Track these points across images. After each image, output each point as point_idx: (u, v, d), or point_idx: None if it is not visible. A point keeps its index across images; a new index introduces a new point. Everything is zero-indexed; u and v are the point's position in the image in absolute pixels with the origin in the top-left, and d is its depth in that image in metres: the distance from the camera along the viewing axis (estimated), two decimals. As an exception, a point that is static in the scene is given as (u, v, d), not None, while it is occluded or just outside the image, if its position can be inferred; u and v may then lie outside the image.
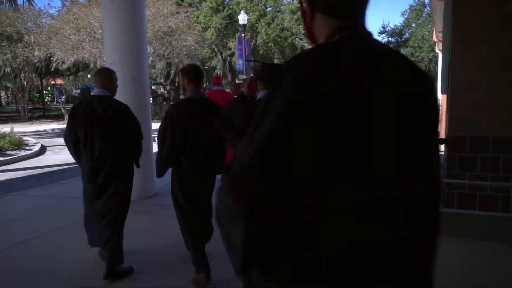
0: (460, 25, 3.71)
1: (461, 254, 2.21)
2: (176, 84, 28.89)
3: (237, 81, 29.48)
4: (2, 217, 5.34)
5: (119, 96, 5.82)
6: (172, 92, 31.06)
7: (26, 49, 22.26)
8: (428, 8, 34.18)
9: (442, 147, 4.52)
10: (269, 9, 30.16)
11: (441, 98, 10.57)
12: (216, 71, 34.66)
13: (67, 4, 25.22)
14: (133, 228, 4.73)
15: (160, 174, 3.34)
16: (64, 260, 3.87)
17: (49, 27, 22.65)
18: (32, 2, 17.70)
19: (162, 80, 30.63)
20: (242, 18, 15.50)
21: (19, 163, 10.29)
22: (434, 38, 14.18)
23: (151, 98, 34.64)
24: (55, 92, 44.76)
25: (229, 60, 30.47)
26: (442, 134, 8.27)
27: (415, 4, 44.77)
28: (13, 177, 8.42)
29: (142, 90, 5.96)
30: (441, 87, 4.34)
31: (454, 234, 2.21)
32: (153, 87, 38.57)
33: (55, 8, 54.31)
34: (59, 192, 6.54)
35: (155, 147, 7.21)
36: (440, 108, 11.72)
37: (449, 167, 3.70)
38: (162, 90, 36.33)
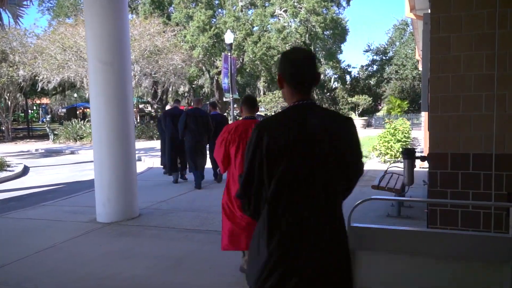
0: (438, 44, 3.78)
1: (444, 273, 2.19)
2: (163, 102, 28.85)
3: (224, 99, 29.61)
4: (-20, 241, 5.20)
5: (102, 113, 5.79)
6: (159, 110, 30.99)
7: (11, 69, 22.10)
8: (411, 27, 34.97)
9: (426, 164, 4.55)
10: (255, 28, 30.52)
11: (424, 115, 10.70)
12: (203, 89, 34.77)
13: (54, 24, 25.25)
14: (116, 250, 4.64)
15: None
16: (46, 284, 3.76)
17: (34, 47, 22.56)
18: (18, 21, 17.68)
19: (149, 99, 30.59)
20: (229, 37, 15.63)
21: (0, 184, 10.09)
22: (417, 56, 14.49)
23: (138, 117, 34.60)
24: (41, 112, 44.37)
25: (216, 78, 30.62)
26: (425, 151, 8.35)
27: (398, 24, 45.82)
28: (-6, 199, 8.24)
29: (125, 110, 5.92)
30: (422, 105, 4.40)
31: (436, 254, 2.20)
32: (140, 105, 38.54)
33: (41, 27, 54.16)
34: (41, 214, 6.41)
35: (138, 167, 7.20)
36: (423, 125, 11.87)
37: (431, 184, 3.72)
38: (149, 108, 36.26)
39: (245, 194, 1.89)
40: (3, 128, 26.37)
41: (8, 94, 24.34)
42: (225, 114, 21.55)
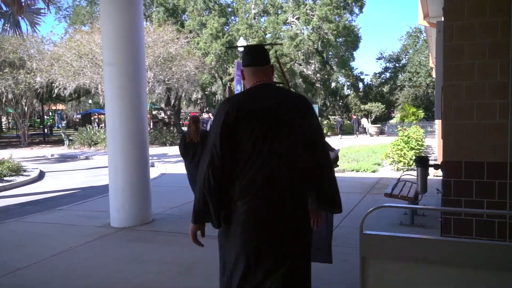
0: (452, 52, 3.77)
1: (457, 282, 2.18)
2: (176, 108, 29.09)
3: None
4: (-3, 244, 5.31)
5: (117, 119, 5.88)
6: (172, 117, 31.25)
7: (28, 75, 22.53)
8: (424, 34, 34.78)
9: (439, 172, 4.52)
10: (268, 35, 30.67)
11: (437, 123, 10.61)
12: (216, 96, 34.98)
13: (70, 31, 25.73)
14: (129, 255, 4.70)
15: None
16: (60, 287, 3.82)
17: (51, 54, 22.99)
18: (36, 29, 18.08)
19: (162, 105, 30.88)
20: (241, 44, 15.76)
21: (17, 189, 10.27)
22: (431, 64, 14.40)
23: (151, 123, 34.92)
24: (56, 118, 45.08)
25: (229, 85, 30.80)
26: (439, 159, 8.27)
27: (411, 31, 45.58)
28: (10, 203, 8.39)
29: (140, 116, 6.00)
30: (435, 113, 4.38)
31: (450, 262, 2.18)
32: (153, 112, 38.90)
33: (57, 35, 55.25)
34: (56, 218, 6.51)
35: (152, 173, 7.27)
36: (437, 133, 11.76)
37: (445, 192, 3.69)
38: (162, 115, 36.58)
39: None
40: (20, 134, 26.85)
41: (25, 100, 24.81)
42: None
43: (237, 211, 2.10)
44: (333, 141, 25.83)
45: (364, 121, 34.83)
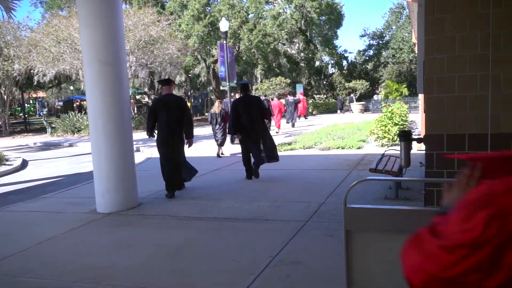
0: (433, 26, 3.77)
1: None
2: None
3: (221, 88, 29.51)
4: (-19, 234, 5.23)
5: (99, 105, 5.78)
6: (156, 101, 30.86)
7: (6, 63, 21.96)
8: (407, 10, 34.75)
9: (423, 147, 4.57)
10: (251, 15, 30.30)
11: (421, 98, 10.69)
12: (200, 78, 34.63)
13: (47, 16, 25.03)
14: (116, 240, 4.68)
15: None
16: (47, 275, 3.79)
17: (28, 40, 22.38)
18: (11, 14, 17.50)
19: (146, 89, 30.48)
20: (224, 25, 15.50)
21: None
22: (414, 39, 14.42)
23: (135, 108, 34.51)
24: (37, 105, 44.21)
25: (212, 67, 30.48)
26: (422, 134, 8.36)
27: (394, 7, 45.52)
28: (-6, 193, 8.25)
29: (121, 100, 5.90)
30: (418, 87, 4.40)
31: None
32: (137, 96, 38.41)
33: (34, 20, 53.65)
34: (41, 207, 6.44)
35: (137, 157, 7.19)
36: (420, 108, 11.88)
37: (428, 165, 3.75)
38: (146, 99, 36.15)
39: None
40: (0, 123, 26.32)
41: (4, 89, 24.23)
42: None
43: None
44: (331, 116, 25.99)
45: (350, 98, 34.92)
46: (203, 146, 13.70)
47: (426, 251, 0.75)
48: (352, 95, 35.92)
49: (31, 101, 45.38)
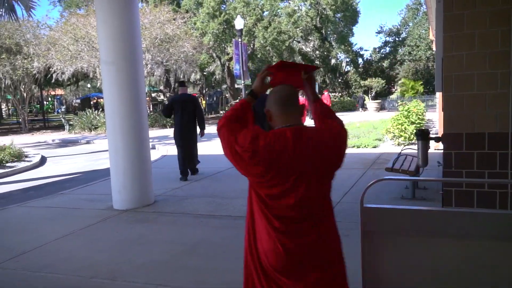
0: (452, 22, 3.70)
1: (460, 253, 2.17)
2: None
3: (236, 86, 29.52)
4: (1, 229, 5.34)
5: (116, 102, 5.84)
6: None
7: (26, 61, 22.34)
8: (424, 7, 34.23)
9: (441, 146, 4.50)
10: (265, 13, 30.22)
11: (438, 96, 10.52)
12: (215, 76, 34.74)
13: (65, 15, 25.36)
14: (132, 236, 4.73)
15: None
16: (64, 271, 3.85)
17: (47, 38, 22.73)
18: (31, 13, 17.80)
19: (161, 87, 30.70)
20: (239, 23, 15.51)
21: (19, 174, 10.30)
22: (431, 37, 14.20)
23: (151, 105, 34.78)
24: (55, 103, 44.92)
25: (227, 65, 30.53)
26: (440, 133, 8.23)
27: (411, 4, 44.89)
28: (13, 189, 8.42)
29: (138, 98, 5.95)
30: (436, 85, 4.33)
31: (452, 234, 2.17)
32: (153, 94, 38.70)
33: (53, 19, 54.54)
34: (59, 203, 6.54)
35: (152, 155, 7.26)
36: (437, 106, 11.69)
37: (446, 164, 3.68)
38: (162, 97, 36.42)
39: None
40: (20, 120, 26.82)
41: (23, 86, 24.67)
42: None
43: None
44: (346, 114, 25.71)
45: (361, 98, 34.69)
46: (219, 144, 13.74)
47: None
48: (363, 94, 35.50)
49: (49, 99, 46.14)
